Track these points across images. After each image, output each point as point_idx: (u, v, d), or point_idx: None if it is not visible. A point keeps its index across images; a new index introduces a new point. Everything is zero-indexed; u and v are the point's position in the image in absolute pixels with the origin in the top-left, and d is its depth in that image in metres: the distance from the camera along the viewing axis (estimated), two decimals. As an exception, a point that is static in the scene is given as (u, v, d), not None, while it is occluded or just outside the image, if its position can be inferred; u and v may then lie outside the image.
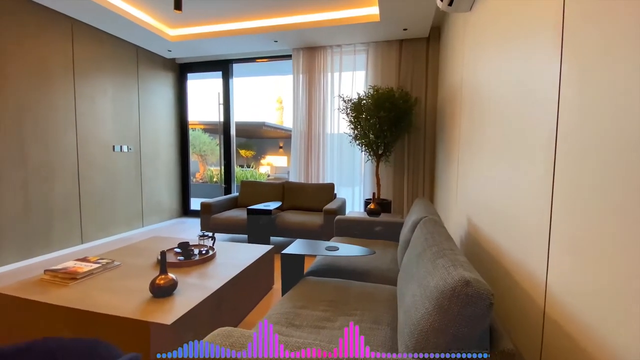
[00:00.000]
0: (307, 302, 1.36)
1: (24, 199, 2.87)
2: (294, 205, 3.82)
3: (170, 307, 1.41)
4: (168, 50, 4.27)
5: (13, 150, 2.78)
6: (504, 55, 1.39)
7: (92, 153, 3.49)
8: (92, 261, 1.85)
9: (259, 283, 2.19)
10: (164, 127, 4.61)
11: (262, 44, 4.04)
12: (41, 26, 2.97)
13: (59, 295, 1.52)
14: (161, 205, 4.57)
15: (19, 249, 2.84)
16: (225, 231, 3.45)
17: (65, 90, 3.21)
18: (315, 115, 4.19)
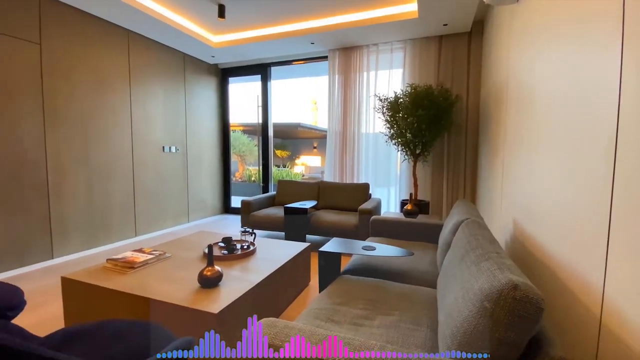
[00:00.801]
0: (345, 300, 1.39)
1: (88, 195, 3.21)
2: (328, 204, 3.86)
3: (217, 297, 1.51)
4: (212, 56, 4.52)
5: (79, 151, 3.12)
6: (557, 49, 1.31)
7: (144, 154, 3.81)
8: (147, 252, 2.03)
9: (296, 279, 2.25)
10: (208, 129, 4.88)
11: (299, 46, 4.13)
12: (103, 38, 3.30)
13: (119, 282, 1.69)
14: (205, 202, 4.85)
15: (83, 240, 3.18)
16: (263, 228, 3.58)
17: (123, 96, 3.53)
18: (351, 115, 4.20)
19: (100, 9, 3.09)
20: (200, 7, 3.29)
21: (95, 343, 1.10)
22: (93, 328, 1.17)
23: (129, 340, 1.06)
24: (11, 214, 2.62)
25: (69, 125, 3.01)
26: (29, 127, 2.72)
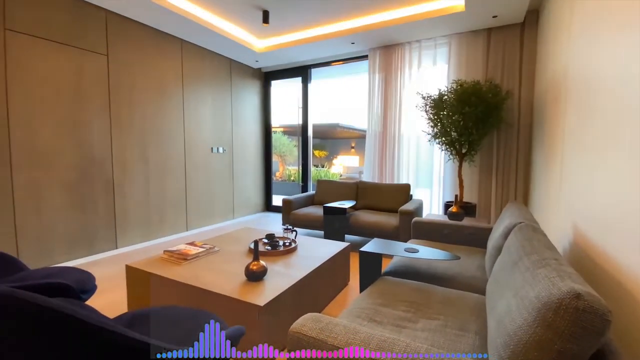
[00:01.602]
0: (387, 301, 1.38)
1: (146, 191, 3.52)
2: (367, 205, 3.83)
3: (262, 291, 1.58)
4: (255, 60, 4.71)
5: (139, 151, 3.43)
6: (629, 39, 1.18)
7: (195, 154, 4.08)
8: (198, 245, 2.18)
9: (336, 278, 2.27)
10: (251, 130, 5.10)
11: (339, 47, 4.15)
12: (159, 48, 3.60)
13: (175, 272, 1.84)
14: (248, 200, 5.08)
15: (142, 232, 3.50)
16: (303, 226, 3.65)
17: (176, 101, 3.82)
18: (391, 114, 4.12)
19: (158, 21, 3.37)
20: (246, 14, 3.45)
21: (157, 326, 1.21)
22: (155, 312, 1.29)
23: (186, 325, 1.16)
24: (83, 208, 2.97)
25: (130, 128, 3.33)
26: (98, 130, 3.06)
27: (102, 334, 0.73)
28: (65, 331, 0.67)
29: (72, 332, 0.67)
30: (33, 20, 2.58)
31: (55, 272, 1.62)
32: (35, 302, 0.62)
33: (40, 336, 0.67)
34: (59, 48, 2.75)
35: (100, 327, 0.74)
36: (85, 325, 0.71)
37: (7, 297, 0.61)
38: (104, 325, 0.75)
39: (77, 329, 0.68)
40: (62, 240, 2.83)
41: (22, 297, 0.62)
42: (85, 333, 0.70)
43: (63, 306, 0.65)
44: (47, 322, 0.65)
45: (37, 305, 0.63)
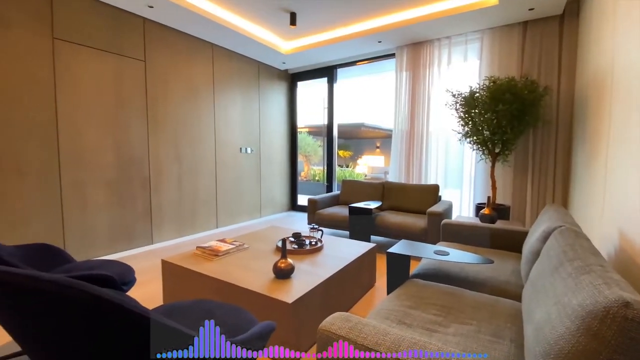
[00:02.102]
0: (416, 304, 1.35)
1: (179, 190, 3.69)
2: (394, 205, 3.77)
3: (290, 288, 1.61)
4: (282, 62, 4.79)
5: (172, 151, 3.60)
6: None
7: (224, 154, 4.22)
8: (229, 242, 2.25)
9: (362, 279, 2.26)
10: (278, 131, 5.19)
11: (365, 46, 4.12)
12: (192, 53, 3.75)
13: (207, 267, 1.91)
14: (275, 199, 5.18)
15: (175, 228, 3.67)
16: (328, 226, 3.67)
17: (207, 103, 3.96)
18: (419, 113, 4.03)
19: (191, 27, 3.51)
20: (274, 16, 3.51)
21: (191, 318, 1.27)
22: (189, 305, 1.35)
23: (219, 318, 1.20)
24: (123, 205, 3.16)
25: (165, 129, 3.50)
26: (136, 131, 3.24)
27: (147, 324, 0.78)
28: (117, 320, 0.72)
29: (120, 320, 0.72)
30: (78, 29, 2.78)
31: (98, 265, 1.75)
32: (89, 291, 0.68)
33: (91, 323, 0.73)
34: (101, 55, 2.94)
35: (147, 317, 0.79)
36: (132, 315, 0.76)
37: (65, 286, 0.67)
38: (150, 315, 0.80)
39: (126, 318, 0.73)
40: (103, 234, 3.03)
41: (77, 287, 0.67)
42: (132, 322, 0.75)
43: (114, 296, 0.70)
44: (98, 310, 0.70)
45: (90, 294, 0.68)
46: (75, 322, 0.73)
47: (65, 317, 0.72)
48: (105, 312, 0.70)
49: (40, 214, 2.62)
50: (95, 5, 2.87)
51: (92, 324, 0.73)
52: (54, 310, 0.70)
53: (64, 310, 0.71)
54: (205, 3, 3.21)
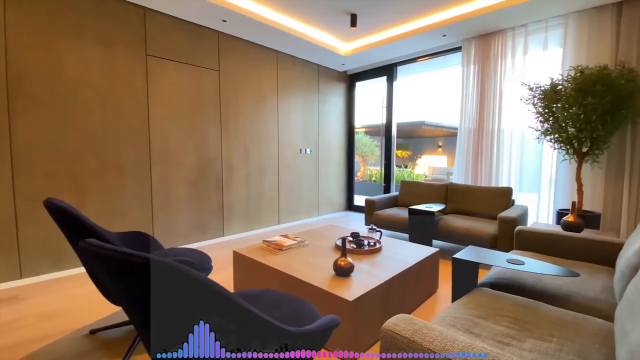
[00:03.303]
0: (485, 314, 1.28)
1: (247, 188, 3.98)
2: (458, 209, 3.56)
3: (350, 286, 1.64)
4: (342, 64, 4.85)
5: (241, 153, 3.90)
6: None
7: (286, 155, 4.44)
8: (291, 238, 2.38)
9: (423, 284, 2.19)
10: (336, 131, 5.27)
11: (428, 41, 3.95)
12: (258, 60, 4.02)
13: (272, 260, 2.05)
14: (332, 199, 5.27)
15: (243, 223, 3.98)
16: (385, 227, 3.61)
17: (272, 107, 4.21)
18: (488, 109, 3.74)
19: (258, 37, 3.77)
20: (334, 19, 3.58)
21: (260, 306, 1.38)
22: (258, 294, 1.46)
23: (285, 308, 1.29)
24: (199, 200, 3.53)
25: (236, 132, 3.82)
26: (211, 135, 3.59)
27: (232, 306, 0.88)
28: (212, 299, 0.83)
29: (212, 299, 0.83)
30: (165, 45, 3.19)
31: (183, 252, 1.99)
32: (187, 273, 0.80)
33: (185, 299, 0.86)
34: (182, 67, 3.33)
35: (228, 297, 0.89)
36: (218, 295, 0.86)
37: (169, 267, 0.79)
38: (231, 297, 0.90)
39: (218, 299, 0.84)
40: (183, 226, 3.42)
41: (179, 269, 0.80)
42: (219, 302, 0.86)
43: (208, 279, 0.81)
44: (193, 289, 0.82)
45: (188, 275, 0.80)
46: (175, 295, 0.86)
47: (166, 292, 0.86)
48: (200, 292, 0.82)
49: (136, 206, 3.07)
50: (178, 23, 3.26)
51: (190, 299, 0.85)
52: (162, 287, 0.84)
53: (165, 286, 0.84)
54: (271, 13, 3.41)
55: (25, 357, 1.56)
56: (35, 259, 2.55)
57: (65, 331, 1.79)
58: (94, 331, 1.77)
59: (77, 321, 1.90)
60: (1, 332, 1.78)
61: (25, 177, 2.48)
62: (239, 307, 0.88)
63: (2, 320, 1.91)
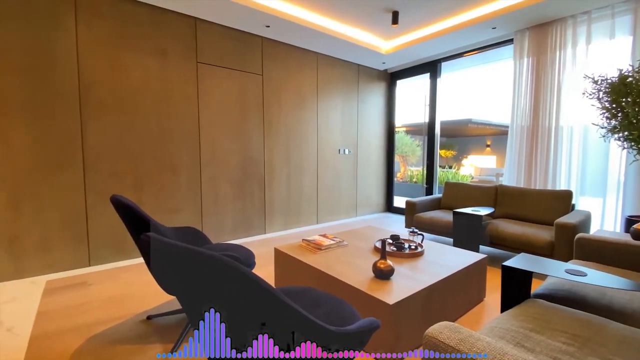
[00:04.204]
0: (539, 327, 1.19)
1: (287, 187, 4.09)
2: (509, 213, 3.32)
3: (390, 290, 1.62)
4: (382, 62, 4.77)
5: (282, 153, 4.01)
6: None
7: (325, 155, 4.49)
8: (330, 238, 2.40)
9: (469, 291, 2.08)
10: (375, 131, 5.20)
11: (476, 34, 3.74)
12: (299, 62, 4.10)
13: (311, 259, 2.08)
14: (370, 199, 5.22)
15: (283, 222, 4.09)
16: (427, 230, 3.49)
17: (311, 108, 4.28)
18: (544, 104, 3.44)
19: (299, 40, 3.85)
20: (375, 18, 3.54)
21: (300, 304, 1.42)
22: (299, 291, 1.50)
23: (324, 307, 1.31)
24: (243, 199, 3.70)
25: (277, 134, 3.95)
26: (255, 136, 3.75)
27: (276, 302, 0.92)
28: (256, 294, 0.88)
29: (258, 294, 0.88)
30: (213, 53, 3.38)
31: (229, 247, 2.10)
32: (235, 267, 0.85)
33: (232, 290, 0.91)
34: (229, 72, 3.51)
35: (277, 296, 0.93)
36: (264, 291, 0.90)
37: (220, 261, 0.85)
38: (275, 293, 0.94)
39: (263, 293, 0.88)
40: (229, 223, 3.61)
41: (228, 263, 0.85)
42: (268, 298, 0.90)
43: (255, 275, 0.86)
44: (241, 283, 0.87)
45: (237, 270, 0.85)
46: (225, 288, 0.92)
47: (215, 283, 0.92)
48: (247, 286, 0.87)
49: (187, 203, 3.30)
50: (226, 31, 3.45)
51: (238, 292, 0.91)
52: (212, 277, 0.90)
53: (215, 278, 0.90)
54: (312, 15, 3.47)
55: (91, 337, 1.76)
56: (101, 249, 2.86)
57: (126, 315, 1.99)
58: (150, 317, 1.94)
59: (136, 307, 2.09)
60: (72, 314, 2.02)
61: (94, 176, 2.79)
62: (282, 304, 0.92)
63: (73, 303, 2.17)
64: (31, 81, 2.49)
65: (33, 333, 1.79)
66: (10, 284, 2.44)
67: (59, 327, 1.85)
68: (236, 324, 0.96)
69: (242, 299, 0.91)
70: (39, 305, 2.11)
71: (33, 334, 1.78)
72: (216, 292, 0.92)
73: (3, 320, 1.93)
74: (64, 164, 2.65)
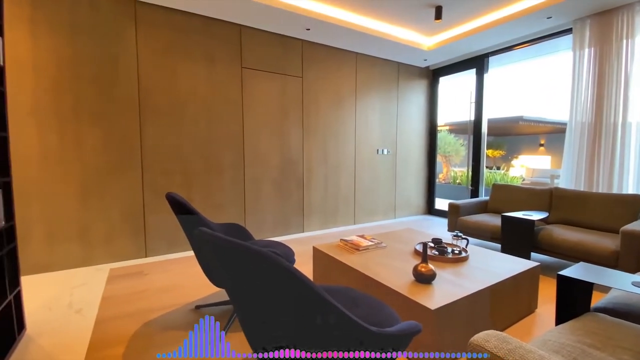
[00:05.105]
0: (599, 343, 1.08)
1: (325, 187, 4.14)
2: (566, 218, 3.04)
3: (431, 294, 1.57)
4: (424, 59, 4.62)
5: (320, 154, 4.06)
6: None
7: (363, 156, 4.46)
8: (368, 239, 2.39)
9: (519, 301, 1.95)
10: (415, 130, 5.06)
11: (529, 25, 3.48)
12: (338, 63, 4.12)
13: (349, 259, 2.09)
14: (410, 201, 5.08)
15: (320, 221, 4.15)
16: (472, 235, 3.31)
17: (349, 108, 4.28)
18: (609, 99, 3.11)
19: (339, 41, 3.87)
20: (416, 14, 3.45)
21: (339, 302, 1.43)
22: (338, 290, 1.51)
23: (363, 307, 1.31)
24: (282, 198, 3.81)
25: (315, 135, 4.00)
26: (294, 137, 3.84)
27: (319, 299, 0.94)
28: (298, 289, 0.91)
29: (299, 289, 0.91)
30: (256, 57, 3.52)
31: (270, 244, 2.18)
32: (280, 263, 0.89)
33: (277, 286, 0.95)
34: (270, 76, 3.63)
35: (320, 294, 0.95)
36: (306, 288, 0.93)
37: (265, 255, 0.89)
38: (317, 290, 0.96)
39: (304, 289, 0.91)
40: (269, 221, 3.74)
41: (274, 258, 0.89)
42: (308, 294, 0.93)
43: (299, 271, 0.89)
44: (286, 278, 0.91)
45: (281, 265, 0.89)
46: (270, 282, 0.97)
47: (262, 277, 0.97)
48: (289, 281, 0.90)
49: (232, 201, 3.48)
50: (268, 36, 3.57)
51: (278, 286, 0.95)
52: (257, 271, 0.95)
53: (261, 272, 0.95)
54: (351, 16, 3.47)
55: (146, 323, 1.92)
56: (156, 242, 3.12)
57: (177, 304, 2.15)
58: (199, 307, 2.08)
59: (186, 297, 2.25)
60: (130, 300, 2.22)
61: (150, 175, 3.05)
62: (324, 301, 0.94)
63: (131, 290, 2.39)
64: (100, 90, 2.80)
65: (98, 316, 2.00)
66: (81, 270, 2.76)
67: (120, 312, 2.06)
68: (274, 318, 1.00)
69: (284, 294, 0.94)
70: (104, 291, 2.36)
71: (98, 317, 1.99)
72: (260, 285, 0.97)
73: (74, 302, 2.18)
74: (126, 164, 2.94)
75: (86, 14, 2.71)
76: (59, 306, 2.12)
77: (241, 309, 1.12)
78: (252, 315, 1.08)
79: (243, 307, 1.11)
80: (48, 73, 2.60)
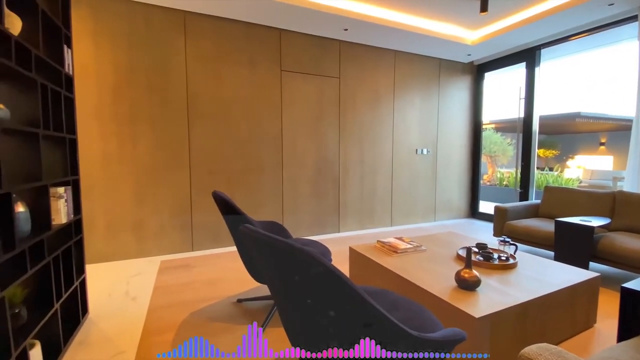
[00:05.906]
0: (677, 367, 0.96)
1: (361, 188, 4.11)
2: (631, 225, 2.73)
3: (475, 302, 1.50)
4: (467, 54, 4.40)
5: (356, 154, 4.04)
6: None
7: (401, 156, 4.36)
8: (406, 241, 2.33)
9: (575, 314, 1.79)
10: (458, 129, 4.83)
11: (587, 14, 3.18)
12: (374, 62, 4.07)
13: (387, 261, 2.05)
14: (451, 203, 4.87)
15: (356, 221, 4.13)
16: (521, 241, 3.10)
17: (387, 107, 4.20)
18: (690, 93, 2.73)
19: (377, 39, 3.83)
20: (459, 7, 3.30)
21: (379, 304, 1.42)
22: (376, 292, 1.50)
23: (403, 311, 1.29)
24: (319, 198, 3.85)
25: (351, 135, 3.99)
26: (331, 137, 3.87)
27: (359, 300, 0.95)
28: (338, 288, 0.92)
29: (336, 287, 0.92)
30: (295, 60, 3.60)
31: (307, 243, 2.22)
32: (319, 260, 0.91)
33: (318, 284, 0.97)
34: (308, 78, 3.69)
35: (361, 295, 0.96)
36: (344, 284, 0.94)
37: (306, 253, 0.91)
38: (358, 291, 0.97)
39: (340, 286, 0.92)
40: (306, 220, 3.81)
41: (316, 256, 0.91)
42: (346, 291, 0.94)
43: (339, 270, 0.90)
44: (326, 278, 0.92)
45: (322, 264, 0.91)
46: (311, 281, 0.99)
47: (299, 273, 0.99)
48: (333, 281, 0.92)
49: (270, 200, 3.59)
50: (306, 39, 3.63)
51: (323, 286, 0.96)
52: (296, 268, 0.98)
53: (298, 268, 0.97)
54: (390, 13, 3.41)
55: (193, 312, 2.05)
56: (201, 237, 3.31)
57: (220, 297, 2.26)
58: (240, 300, 2.18)
59: (229, 290, 2.37)
60: (179, 291, 2.38)
61: (197, 174, 3.24)
62: (365, 303, 0.94)
63: (180, 281, 2.56)
64: (153, 95, 3.03)
65: (151, 304, 2.17)
66: (135, 261, 3.01)
67: (170, 301, 2.22)
68: (312, 317, 1.02)
69: (324, 292, 0.96)
70: (155, 281, 2.55)
71: (151, 305, 2.16)
72: (299, 282, 1.00)
73: (130, 290, 2.39)
74: (176, 164, 3.16)
75: (141, 26, 2.95)
76: (117, 293, 2.34)
77: (281, 305, 1.16)
78: (291, 313, 1.11)
79: (283, 303, 1.15)
80: (108, 80, 2.88)
